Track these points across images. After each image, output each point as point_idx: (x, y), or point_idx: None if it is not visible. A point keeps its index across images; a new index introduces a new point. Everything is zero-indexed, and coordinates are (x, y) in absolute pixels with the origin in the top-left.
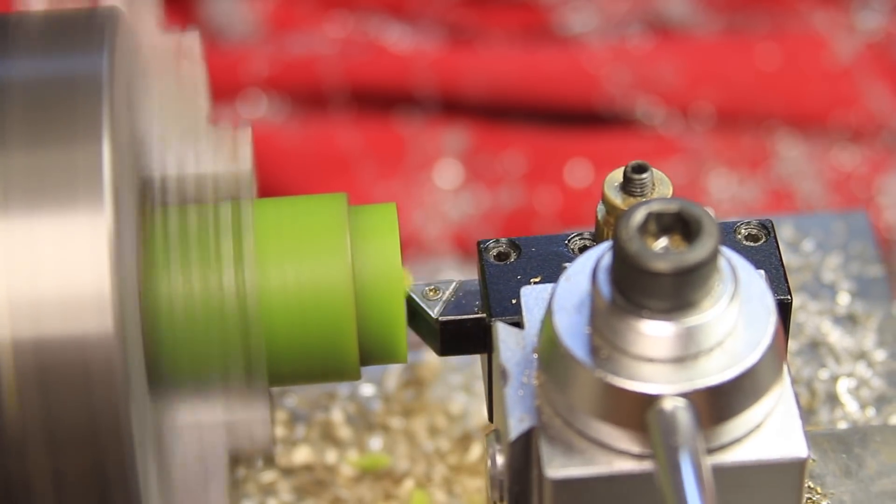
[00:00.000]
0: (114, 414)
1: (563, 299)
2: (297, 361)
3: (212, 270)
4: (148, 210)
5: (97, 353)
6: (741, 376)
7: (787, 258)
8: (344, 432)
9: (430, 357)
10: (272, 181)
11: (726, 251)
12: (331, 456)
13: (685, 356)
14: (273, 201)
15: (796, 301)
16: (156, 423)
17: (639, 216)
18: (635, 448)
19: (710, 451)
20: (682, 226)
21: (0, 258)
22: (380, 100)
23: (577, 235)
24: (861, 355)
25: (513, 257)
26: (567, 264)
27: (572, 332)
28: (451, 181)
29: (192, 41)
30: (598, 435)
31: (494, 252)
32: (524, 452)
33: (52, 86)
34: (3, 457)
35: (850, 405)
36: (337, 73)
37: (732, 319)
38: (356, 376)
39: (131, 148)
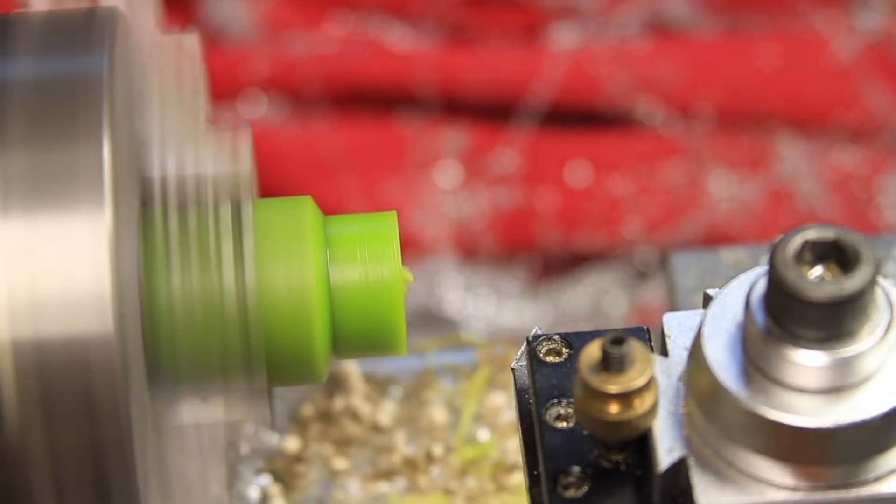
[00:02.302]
0: (114, 414)
1: (713, 327)
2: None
3: (212, 271)
4: (148, 210)
5: (97, 353)
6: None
7: None
8: None
9: None
10: (272, 181)
11: (882, 280)
12: None
13: (840, 387)
14: (273, 201)
15: None
16: (156, 422)
17: (795, 244)
18: (787, 480)
19: (865, 483)
20: (837, 254)
21: (0, 258)
22: (380, 100)
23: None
24: None
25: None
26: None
27: (723, 361)
28: (451, 181)
29: (192, 41)
30: (749, 467)
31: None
32: (673, 483)
33: (53, 86)
34: (3, 457)
35: None
36: (337, 73)
37: (888, 350)
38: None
39: (131, 148)
